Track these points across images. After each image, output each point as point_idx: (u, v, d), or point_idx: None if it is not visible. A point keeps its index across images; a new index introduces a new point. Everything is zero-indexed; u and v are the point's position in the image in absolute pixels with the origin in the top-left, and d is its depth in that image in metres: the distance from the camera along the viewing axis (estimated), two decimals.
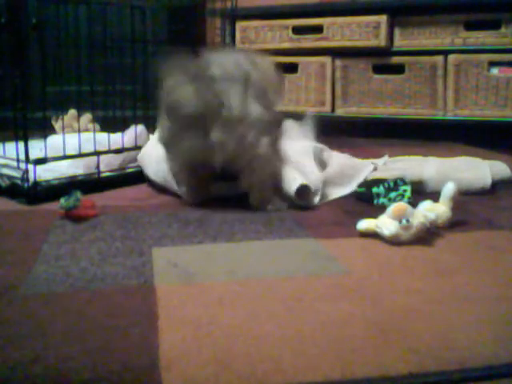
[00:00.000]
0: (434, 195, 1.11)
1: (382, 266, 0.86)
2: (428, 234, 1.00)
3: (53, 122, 1.75)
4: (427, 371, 0.56)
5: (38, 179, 1.25)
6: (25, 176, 1.23)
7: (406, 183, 1.22)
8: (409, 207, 0.98)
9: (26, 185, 1.23)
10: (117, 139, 1.44)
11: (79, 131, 1.37)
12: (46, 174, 1.29)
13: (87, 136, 1.37)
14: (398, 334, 0.63)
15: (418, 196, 1.19)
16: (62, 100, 1.52)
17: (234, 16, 2.21)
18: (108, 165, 1.42)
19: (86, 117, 1.75)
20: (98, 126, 1.72)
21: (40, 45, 1.32)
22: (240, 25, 2.49)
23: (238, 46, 2.47)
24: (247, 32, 2.49)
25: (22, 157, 1.24)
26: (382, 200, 1.21)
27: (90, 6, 1.33)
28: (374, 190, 1.24)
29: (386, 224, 0.97)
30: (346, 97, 2.41)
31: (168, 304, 0.71)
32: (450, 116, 2.25)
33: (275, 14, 2.46)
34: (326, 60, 2.40)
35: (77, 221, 1.08)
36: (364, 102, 2.39)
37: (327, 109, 2.44)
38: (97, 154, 1.37)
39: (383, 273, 0.83)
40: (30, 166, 1.23)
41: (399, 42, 2.31)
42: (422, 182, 1.33)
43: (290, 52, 2.40)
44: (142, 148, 1.45)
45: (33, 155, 1.25)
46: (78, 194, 1.10)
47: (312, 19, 2.39)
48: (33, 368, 0.55)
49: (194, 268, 0.84)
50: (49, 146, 1.30)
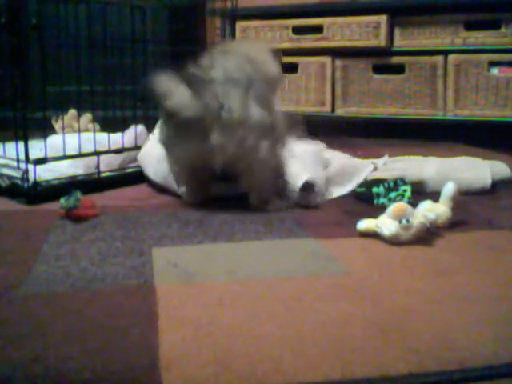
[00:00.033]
0: (434, 195, 1.11)
1: (382, 266, 0.86)
2: (428, 234, 1.00)
3: (53, 122, 1.75)
4: (427, 371, 0.56)
5: (38, 179, 1.25)
6: (25, 176, 1.23)
7: (405, 183, 1.22)
8: (409, 207, 0.98)
9: (25, 185, 1.23)
10: (117, 139, 1.44)
11: (79, 131, 1.37)
12: (46, 173, 1.29)
13: (87, 136, 1.37)
14: (398, 334, 0.63)
15: (418, 196, 1.19)
16: (62, 100, 1.53)
17: (234, 16, 2.20)
18: (108, 165, 1.42)
19: (86, 117, 1.75)
20: (97, 126, 1.72)
21: (40, 45, 1.32)
22: (240, 25, 2.49)
23: None
24: (247, 32, 2.49)
25: (22, 157, 1.24)
26: (382, 200, 1.21)
27: (89, 6, 1.33)
28: (374, 190, 1.24)
29: (386, 224, 0.97)
30: (346, 97, 2.41)
31: (168, 304, 0.71)
32: (450, 116, 2.25)
33: (275, 13, 2.46)
34: (326, 60, 2.40)
35: (77, 221, 1.08)
36: (364, 101, 2.39)
37: (327, 109, 2.44)
38: (97, 153, 1.37)
39: (383, 273, 0.83)
40: (30, 166, 1.24)
41: (399, 42, 2.31)
42: (422, 182, 1.33)
43: (290, 52, 2.40)
44: (141, 148, 1.45)
45: (33, 155, 1.25)
46: (78, 194, 1.10)
47: (312, 19, 2.39)
48: (33, 368, 0.55)
49: (194, 268, 0.84)
50: (49, 146, 1.30)
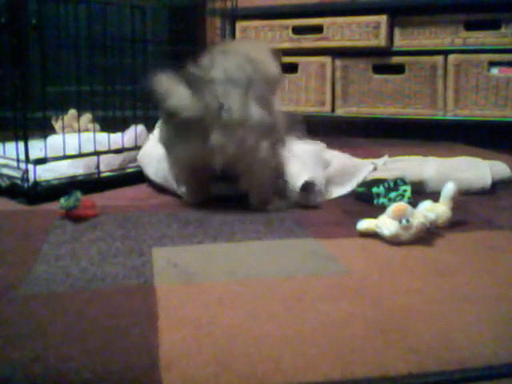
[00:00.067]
0: (434, 195, 1.11)
1: (382, 266, 0.86)
2: (428, 234, 1.00)
3: (53, 122, 1.75)
4: (427, 371, 0.56)
5: (38, 179, 1.25)
6: (25, 176, 1.23)
7: (406, 183, 1.22)
8: (409, 207, 0.98)
9: (26, 185, 1.23)
10: (117, 139, 1.44)
11: (79, 131, 1.37)
12: (46, 173, 1.29)
13: (87, 136, 1.37)
14: (398, 334, 0.63)
15: (418, 196, 1.19)
16: (62, 100, 1.53)
17: (234, 16, 2.20)
18: (108, 165, 1.42)
19: (86, 117, 1.75)
20: (98, 126, 1.72)
21: (40, 45, 1.32)
22: (240, 25, 2.49)
23: None
24: (247, 32, 2.49)
25: (22, 157, 1.24)
26: (382, 200, 1.21)
27: (89, 6, 1.33)
28: (374, 190, 1.24)
29: (386, 224, 0.97)
30: (346, 97, 2.41)
31: (168, 304, 0.71)
32: (450, 116, 2.25)
33: (275, 13, 2.46)
34: (326, 60, 2.40)
35: (77, 221, 1.08)
36: (364, 101, 2.39)
37: (327, 109, 2.44)
38: (97, 153, 1.37)
39: (383, 273, 0.83)
40: (30, 166, 1.23)
41: (399, 42, 2.31)
42: (421, 182, 1.33)
43: (290, 52, 2.40)
44: (141, 148, 1.44)
45: (33, 155, 1.25)
46: (78, 194, 1.10)
47: (312, 19, 2.39)
48: (33, 368, 0.55)
49: (194, 268, 0.84)
50: (49, 146, 1.30)
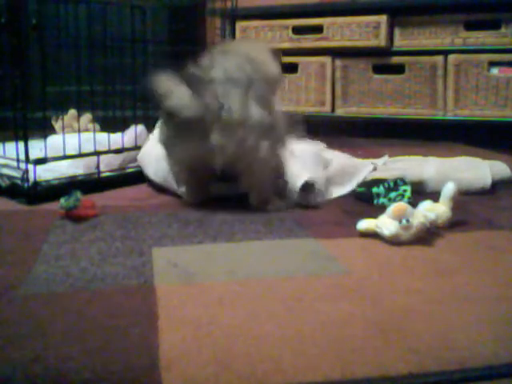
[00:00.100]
0: (434, 195, 1.11)
1: (382, 266, 0.86)
2: (428, 234, 1.00)
3: (53, 122, 1.75)
4: (427, 371, 0.56)
5: (38, 179, 1.25)
6: (25, 176, 1.23)
7: (406, 183, 1.22)
8: (409, 207, 0.98)
9: (26, 185, 1.23)
10: (117, 139, 1.44)
11: (79, 131, 1.37)
12: (46, 173, 1.29)
13: (87, 136, 1.37)
14: (398, 334, 0.63)
15: (418, 196, 1.19)
16: (62, 100, 1.53)
17: (234, 16, 2.20)
18: (108, 165, 1.42)
19: (86, 117, 1.75)
20: (98, 126, 1.72)
21: (40, 45, 1.32)
22: (240, 25, 2.49)
23: None
24: (247, 32, 2.49)
25: (22, 157, 1.24)
26: (382, 200, 1.21)
27: (89, 6, 1.33)
28: (374, 190, 1.24)
29: (386, 224, 0.97)
30: (346, 97, 2.41)
31: (168, 304, 0.71)
32: (450, 116, 2.25)
33: (275, 13, 2.46)
34: (326, 60, 2.40)
35: (77, 221, 1.08)
36: (364, 101, 2.39)
37: (327, 109, 2.44)
38: (97, 153, 1.37)
39: (383, 273, 0.83)
40: (30, 166, 1.23)
41: (399, 42, 2.31)
42: (421, 182, 1.33)
43: (290, 52, 2.40)
44: (141, 148, 1.44)
45: (33, 155, 1.25)
46: (78, 194, 1.10)
47: (312, 19, 2.39)
48: (33, 368, 0.55)
49: (194, 268, 0.84)
50: (49, 146, 1.30)
